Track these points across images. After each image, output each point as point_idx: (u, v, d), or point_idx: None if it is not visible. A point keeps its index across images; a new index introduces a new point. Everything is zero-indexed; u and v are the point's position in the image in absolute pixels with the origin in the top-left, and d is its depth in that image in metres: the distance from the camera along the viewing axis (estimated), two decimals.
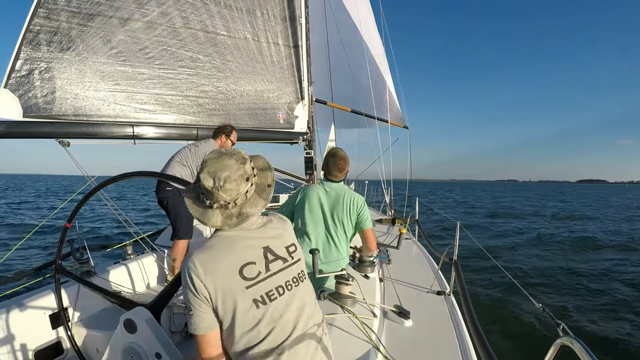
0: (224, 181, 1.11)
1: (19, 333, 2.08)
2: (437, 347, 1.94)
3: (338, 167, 2.44)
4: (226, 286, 1.12)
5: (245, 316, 1.13)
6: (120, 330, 1.46)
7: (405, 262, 3.58)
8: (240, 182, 1.15)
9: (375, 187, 8.97)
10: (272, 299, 1.17)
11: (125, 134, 3.41)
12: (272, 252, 1.23)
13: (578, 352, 1.12)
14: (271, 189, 1.26)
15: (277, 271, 1.21)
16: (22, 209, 21.06)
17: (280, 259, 1.24)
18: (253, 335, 1.14)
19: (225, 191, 1.12)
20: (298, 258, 1.31)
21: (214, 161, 1.15)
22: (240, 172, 1.15)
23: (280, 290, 1.20)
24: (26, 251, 10.06)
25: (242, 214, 1.17)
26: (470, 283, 6.76)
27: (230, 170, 1.13)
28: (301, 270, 1.30)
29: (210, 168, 1.13)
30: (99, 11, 3.23)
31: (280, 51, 4.46)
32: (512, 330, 5.18)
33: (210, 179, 1.12)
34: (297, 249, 1.32)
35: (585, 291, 7.05)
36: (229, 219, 1.17)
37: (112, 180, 1.93)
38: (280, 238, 1.28)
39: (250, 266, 1.16)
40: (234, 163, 1.15)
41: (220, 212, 1.17)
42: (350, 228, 2.41)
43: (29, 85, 2.96)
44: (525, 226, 16.89)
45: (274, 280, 1.20)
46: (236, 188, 1.14)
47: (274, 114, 4.52)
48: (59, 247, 2.04)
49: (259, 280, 1.17)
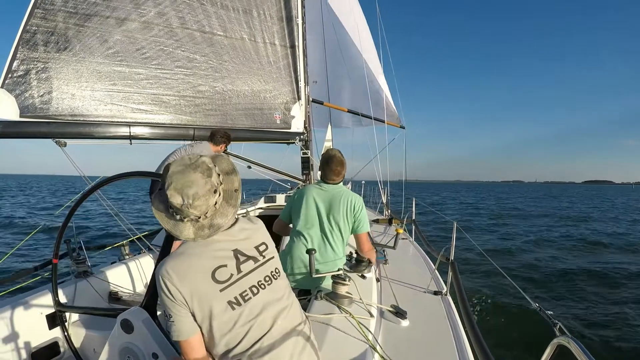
0: (193, 199, 1.10)
1: (16, 333, 2.08)
2: (434, 347, 1.94)
3: (334, 172, 2.44)
4: (200, 290, 1.13)
5: (221, 318, 1.14)
6: (117, 330, 1.46)
7: (402, 262, 3.57)
8: (208, 197, 1.14)
9: (372, 187, 8.98)
10: (246, 299, 1.18)
11: (121, 134, 3.41)
12: (242, 253, 1.24)
13: (575, 351, 1.13)
14: (238, 193, 1.25)
15: (249, 271, 1.23)
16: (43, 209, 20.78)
17: (251, 259, 1.25)
18: (232, 337, 1.15)
19: (195, 207, 1.12)
20: (270, 256, 1.32)
21: (179, 176, 1.12)
22: (208, 187, 1.13)
23: (255, 290, 1.21)
24: (28, 251, 10.06)
25: (213, 225, 1.17)
26: (467, 283, 6.78)
27: (197, 186, 1.11)
28: (275, 268, 1.32)
29: (176, 185, 1.11)
30: (95, 11, 3.23)
31: (276, 51, 4.47)
32: (509, 330, 5.20)
33: (178, 196, 1.11)
34: (269, 248, 1.33)
35: (583, 291, 7.08)
36: (200, 231, 1.17)
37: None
38: (249, 239, 1.29)
39: (221, 269, 1.18)
40: (200, 177, 1.12)
41: (191, 224, 1.16)
42: (347, 229, 2.41)
43: (26, 86, 2.97)
44: (529, 228, 16.72)
45: (246, 280, 1.21)
46: (205, 203, 1.13)
47: (271, 114, 4.52)
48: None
49: (232, 282, 1.18)
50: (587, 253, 11.09)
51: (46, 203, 25.40)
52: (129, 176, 1.90)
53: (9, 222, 14.97)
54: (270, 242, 1.37)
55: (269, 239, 1.37)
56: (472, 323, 2.00)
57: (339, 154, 2.51)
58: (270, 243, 1.36)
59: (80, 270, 2.70)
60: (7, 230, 13.02)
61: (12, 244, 10.78)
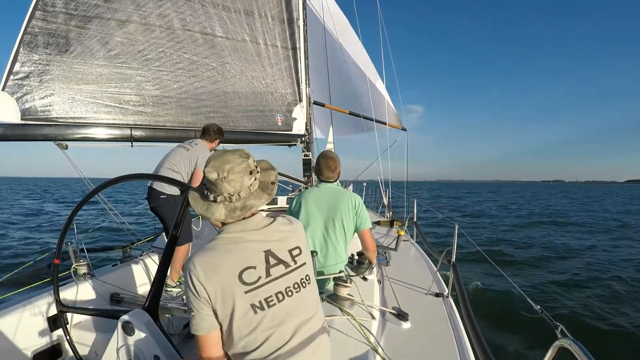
0: (227, 172, 1.14)
1: (18, 335, 2.09)
2: (436, 349, 1.93)
3: (328, 167, 2.47)
4: (225, 289, 1.12)
5: (242, 320, 1.13)
6: (119, 332, 1.46)
7: (404, 264, 3.56)
8: (243, 175, 1.17)
9: (373, 189, 8.96)
10: (270, 305, 1.16)
11: (123, 136, 3.40)
12: (274, 255, 1.21)
13: (576, 354, 1.12)
14: (274, 186, 1.27)
15: (278, 276, 1.19)
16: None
17: (282, 263, 1.21)
18: (250, 340, 1.13)
19: (229, 182, 1.15)
20: (302, 262, 1.27)
21: (218, 157, 1.19)
22: (244, 165, 1.17)
23: (280, 297, 1.18)
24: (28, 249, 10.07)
25: (246, 206, 1.18)
26: (468, 285, 6.74)
27: (234, 163, 1.16)
28: (305, 275, 1.27)
29: (215, 162, 1.17)
30: (96, 13, 3.23)
31: (278, 53, 4.46)
32: (510, 332, 5.15)
33: (214, 171, 1.15)
34: (302, 253, 1.29)
35: (585, 293, 7.01)
36: (232, 212, 1.18)
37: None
38: (284, 241, 1.25)
39: (250, 270, 1.15)
40: (237, 157, 1.18)
41: (224, 205, 1.18)
42: (350, 228, 2.41)
43: (27, 88, 2.96)
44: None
45: (274, 285, 1.18)
46: (239, 180, 1.16)
47: (272, 116, 4.51)
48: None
49: (258, 285, 1.15)
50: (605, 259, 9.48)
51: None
52: (131, 179, 1.90)
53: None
54: (305, 246, 1.32)
55: (304, 243, 1.33)
56: (474, 325, 2.00)
57: (330, 152, 2.57)
58: (304, 247, 1.32)
59: (81, 272, 2.70)
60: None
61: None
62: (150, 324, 1.46)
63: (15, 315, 2.12)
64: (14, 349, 2.06)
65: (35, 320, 2.20)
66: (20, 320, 2.12)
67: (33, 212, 20.76)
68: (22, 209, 22.97)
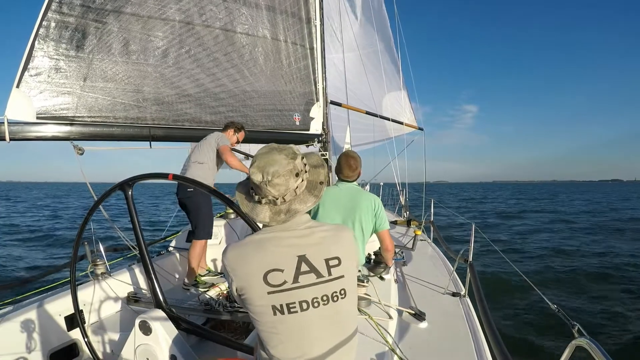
0: (272, 176, 1.09)
1: (35, 334, 2.12)
2: (453, 349, 1.96)
3: (349, 165, 2.46)
4: (249, 285, 1.10)
5: (261, 318, 1.10)
6: (135, 332, 1.48)
7: (421, 264, 3.58)
8: (289, 178, 1.11)
9: (389, 189, 9.00)
10: (291, 311, 1.08)
11: (141, 135, 3.29)
12: (307, 262, 1.10)
13: (593, 353, 1.11)
14: (323, 186, 1.21)
15: (306, 285, 1.09)
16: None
17: (315, 272, 1.10)
18: (266, 336, 1.11)
19: (274, 186, 1.10)
20: (339, 275, 1.13)
21: (264, 156, 1.13)
22: (289, 167, 1.11)
23: (304, 306, 1.08)
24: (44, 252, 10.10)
25: (290, 210, 1.14)
26: (485, 284, 6.63)
27: (279, 165, 1.10)
28: (340, 289, 1.13)
29: (259, 162, 1.12)
30: (115, 7, 3.09)
31: (297, 51, 4.36)
32: (527, 332, 5.15)
33: (259, 173, 1.11)
34: (342, 264, 1.14)
35: (603, 292, 6.93)
36: (277, 215, 1.14)
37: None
38: (321, 245, 1.14)
39: (276, 273, 1.08)
40: (283, 158, 1.11)
41: (268, 207, 1.14)
42: (369, 229, 2.39)
43: (43, 85, 2.83)
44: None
45: (299, 293, 1.08)
46: (285, 183, 1.11)
47: (290, 116, 4.42)
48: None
49: (282, 289, 1.08)
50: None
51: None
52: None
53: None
54: (348, 257, 1.17)
55: (348, 254, 1.18)
56: (491, 324, 2.00)
57: (352, 152, 2.59)
58: (347, 258, 1.17)
59: (98, 272, 2.73)
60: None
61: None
62: (167, 323, 1.47)
63: (33, 314, 2.15)
64: (32, 348, 2.09)
65: (52, 319, 2.23)
66: (37, 319, 2.16)
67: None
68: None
